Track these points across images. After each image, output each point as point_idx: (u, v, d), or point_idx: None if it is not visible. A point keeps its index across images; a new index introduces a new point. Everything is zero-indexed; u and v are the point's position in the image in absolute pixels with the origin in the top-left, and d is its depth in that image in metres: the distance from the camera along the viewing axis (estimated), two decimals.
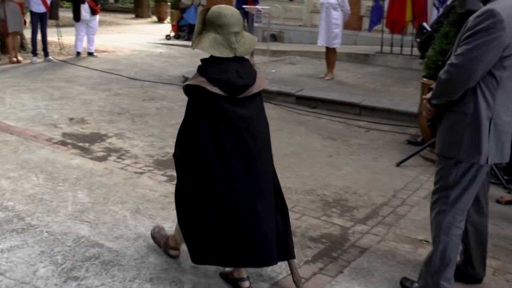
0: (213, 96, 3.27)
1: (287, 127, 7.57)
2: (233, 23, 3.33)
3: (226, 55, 3.32)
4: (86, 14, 12.76)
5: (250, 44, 3.43)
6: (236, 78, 3.30)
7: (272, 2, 15.07)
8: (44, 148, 6.33)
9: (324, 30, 10.08)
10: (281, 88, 9.16)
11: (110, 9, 30.13)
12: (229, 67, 3.32)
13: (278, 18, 15.34)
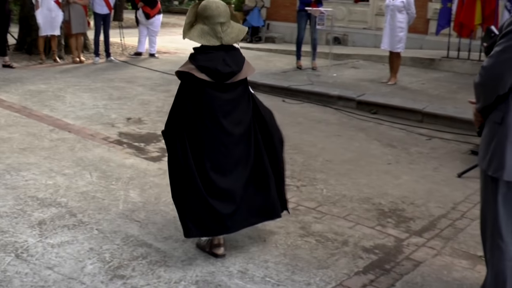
0: (200, 81, 3.66)
1: (346, 132, 7.41)
2: (217, 14, 3.69)
3: (213, 44, 3.70)
4: (142, 19, 12.97)
5: (237, 33, 3.81)
6: (222, 66, 3.67)
7: (336, 4, 14.88)
8: (100, 147, 6.39)
9: (388, 34, 9.84)
10: (342, 93, 9.00)
11: (174, 11, 30.54)
12: (217, 56, 3.69)
13: (342, 21, 15.12)
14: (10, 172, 5.46)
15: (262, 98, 8.97)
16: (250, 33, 16.45)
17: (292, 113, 8.34)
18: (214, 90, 3.71)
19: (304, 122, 7.84)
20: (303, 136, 7.14)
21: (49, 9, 11.56)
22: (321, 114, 8.34)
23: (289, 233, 4.34)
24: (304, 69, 11.36)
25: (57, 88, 9.42)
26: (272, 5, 16.75)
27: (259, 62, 13.08)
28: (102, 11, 11.97)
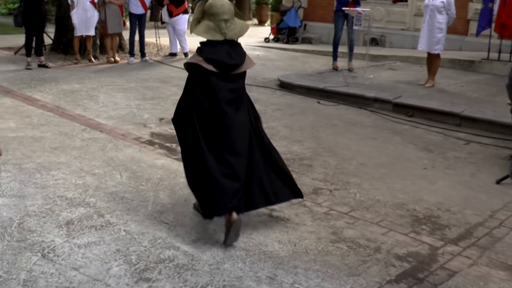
0: (207, 72, 4.03)
1: (382, 135, 7.24)
2: (222, 12, 4.05)
3: (217, 38, 4.06)
4: (165, 16, 12.92)
5: (240, 29, 4.16)
6: (227, 59, 4.05)
7: (374, 4, 14.65)
8: (131, 147, 6.35)
9: (426, 34, 9.61)
10: (378, 95, 8.82)
11: None
12: (222, 49, 4.06)
13: (380, 21, 14.88)
14: (41, 171, 5.45)
15: (297, 100, 9.02)
16: (287, 33, 16.35)
17: (327, 115, 8.20)
18: (219, 80, 4.08)
19: (339, 124, 7.69)
20: (338, 138, 7.00)
21: (84, 9, 11.62)
22: (356, 116, 8.18)
23: (320, 239, 4.21)
24: (340, 70, 11.18)
25: (91, 88, 9.45)
26: (309, 5, 16.59)
27: (295, 63, 13.00)
28: (138, 11, 12.00)
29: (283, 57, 14.00)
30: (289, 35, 16.35)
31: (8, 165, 5.59)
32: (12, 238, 4.05)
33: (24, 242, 3.99)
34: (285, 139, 6.86)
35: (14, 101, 8.38)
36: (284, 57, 14.00)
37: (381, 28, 14.86)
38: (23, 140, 6.47)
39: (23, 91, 9.05)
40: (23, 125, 7.07)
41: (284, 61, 13.35)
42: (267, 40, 16.81)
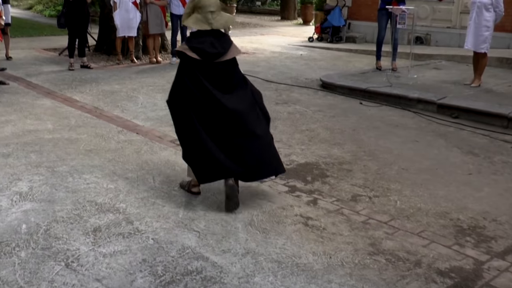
0: (192, 59, 4.53)
1: (425, 138, 6.93)
2: (209, 4, 4.52)
3: (204, 28, 4.52)
4: None
5: (226, 20, 4.65)
6: (209, 48, 4.49)
7: (419, 2, 14.23)
8: (167, 150, 6.23)
9: (472, 33, 9.22)
10: (421, 95, 8.49)
11: (257, 12, 30.52)
12: (206, 40, 4.51)
13: (426, 20, 14.45)
14: (73, 175, 5.37)
15: (339, 100, 8.77)
16: (331, 33, 16.07)
17: (369, 116, 7.93)
18: (203, 66, 4.54)
19: (381, 126, 7.41)
20: (379, 141, 6.73)
21: (126, 10, 11.62)
22: (399, 118, 7.89)
23: (357, 250, 3.98)
24: (383, 70, 10.88)
25: (131, 89, 9.39)
26: (353, 4, 16.26)
27: (338, 62, 12.73)
28: (179, 12, 11.88)
29: (326, 57, 13.74)
30: (333, 34, 16.07)
31: (42, 168, 5.54)
32: (37, 245, 3.95)
33: (48, 250, 3.88)
34: (325, 142, 6.63)
35: (53, 102, 8.38)
36: (327, 57, 13.74)
37: (426, 26, 14.44)
38: (59, 142, 6.42)
39: (64, 92, 9.06)
40: (60, 127, 7.03)
41: (327, 60, 13.09)
42: (311, 40, 16.56)
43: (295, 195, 5.00)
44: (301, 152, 6.25)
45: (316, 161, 5.94)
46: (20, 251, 3.87)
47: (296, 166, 5.78)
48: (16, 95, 8.76)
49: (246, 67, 11.63)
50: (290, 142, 6.62)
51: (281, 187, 5.18)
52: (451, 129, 7.40)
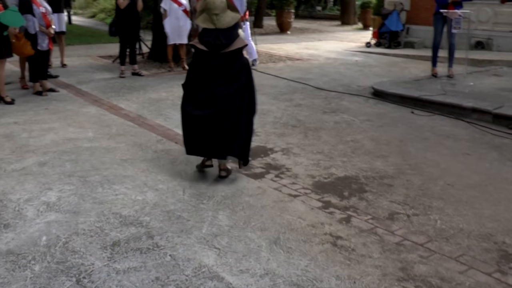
0: (201, 50, 5.31)
1: (477, 150, 6.51)
2: (214, 8, 5.26)
3: (210, 27, 5.29)
4: None
5: (229, 20, 5.31)
6: (214, 40, 5.24)
7: (480, 5, 13.65)
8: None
9: None
10: (476, 104, 8.01)
11: (317, 17, 30.23)
12: (212, 34, 5.27)
13: (487, 23, 13.83)
14: (104, 185, 5.27)
15: (390, 109, 8.42)
16: (388, 38, 15.63)
17: (419, 126, 7.54)
18: (210, 56, 5.28)
19: (431, 138, 7.02)
20: (427, 154, 6.36)
21: (177, 18, 11.57)
22: (451, 128, 7.47)
23: (385, 275, 3.67)
24: (439, 76, 10.42)
25: (177, 97, 9.22)
26: (412, 8, 15.75)
27: (394, 69, 12.33)
28: None
29: (382, 63, 13.33)
30: (391, 40, 15.63)
31: (74, 178, 5.47)
32: (53, 259, 3.84)
33: (63, 264, 3.75)
34: (368, 154, 6.31)
35: (99, 109, 8.37)
36: (383, 63, 13.32)
37: (487, 30, 13.82)
38: (96, 150, 6.35)
39: (110, 100, 9.05)
40: (100, 135, 6.98)
41: (382, 67, 12.69)
42: (368, 45, 16.16)
43: (328, 212, 4.73)
44: (341, 164, 5.96)
45: (356, 175, 5.64)
46: (35, 265, 3.77)
47: (334, 180, 5.49)
48: (64, 103, 8.80)
49: (298, 74, 11.43)
50: (332, 153, 6.33)
51: (314, 203, 4.92)
52: (507, 141, 6.94)
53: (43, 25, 8.82)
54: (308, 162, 6.04)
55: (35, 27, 8.69)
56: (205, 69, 5.32)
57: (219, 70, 5.29)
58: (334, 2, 32.31)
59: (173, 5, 11.58)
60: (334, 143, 6.75)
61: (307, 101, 9.07)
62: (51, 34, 8.93)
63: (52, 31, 8.95)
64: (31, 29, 8.65)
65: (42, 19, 8.79)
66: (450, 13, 9.71)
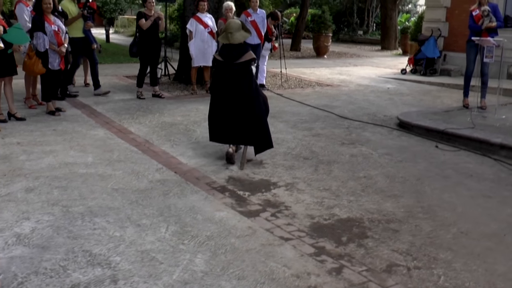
0: (218, 61, 6.75)
1: (501, 193, 5.92)
2: (230, 27, 6.69)
3: (225, 42, 6.72)
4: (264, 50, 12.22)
5: (240, 38, 6.70)
6: (228, 53, 6.67)
7: None
8: (198, 193, 5.64)
9: None
10: (505, 140, 7.38)
11: (358, 41, 29.78)
12: (227, 48, 6.72)
13: None
14: (85, 217, 4.91)
15: (413, 142, 7.90)
16: (424, 64, 15.05)
17: (441, 163, 6.98)
18: (226, 65, 6.68)
19: (452, 176, 6.46)
20: (444, 195, 5.80)
21: (202, 40, 11.30)
22: (476, 166, 6.88)
23: None
24: (471, 108, 9.78)
25: (192, 121, 8.93)
26: (450, 34, 15.13)
27: (426, 98, 11.76)
28: (252, 41, 11.42)
29: (415, 91, 12.74)
30: (427, 67, 15.03)
31: (57, 207, 5.14)
32: None
33: None
34: (379, 193, 5.80)
35: (107, 132, 8.07)
36: (416, 91, 12.74)
37: None
38: (90, 177, 6.02)
39: (122, 122, 8.75)
40: (99, 161, 6.65)
41: (414, 95, 12.11)
42: (404, 72, 15.60)
43: (319, 260, 4.24)
44: (347, 204, 5.46)
45: (360, 217, 5.13)
46: None
47: (334, 222, 5.00)
48: (74, 124, 8.54)
49: (324, 101, 11.00)
50: (339, 191, 5.84)
51: (306, 248, 4.44)
52: None
53: (54, 43, 8.59)
54: (311, 200, 5.56)
55: (45, 45, 8.47)
56: (222, 76, 6.75)
57: (232, 76, 6.68)
58: (376, 27, 31.75)
59: (199, 26, 11.32)
60: (345, 179, 6.26)
61: (327, 130, 8.59)
62: (62, 52, 8.70)
63: (63, 49, 8.72)
64: (41, 47, 8.44)
65: (54, 38, 8.56)
66: (482, 41, 9.12)
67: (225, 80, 6.69)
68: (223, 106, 6.75)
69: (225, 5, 11.43)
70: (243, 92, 6.63)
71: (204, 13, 11.45)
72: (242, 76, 6.66)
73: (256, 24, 11.77)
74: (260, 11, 12.13)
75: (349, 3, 32.53)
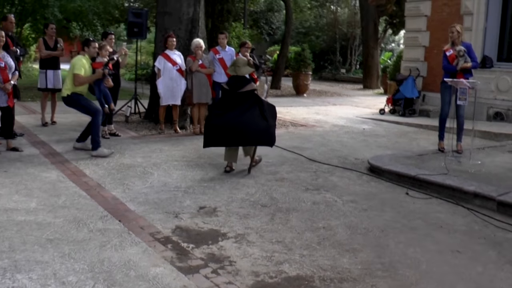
0: (225, 89, 8.11)
1: (472, 247, 5.46)
2: (237, 62, 8.27)
3: (233, 74, 8.15)
4: None
5: (245, 71, 8.20)
6: (234, 83, 8.04)
7: (500, 73, 12.78)
8: (138, 245, 5.17)
9: None
10: (478, 189, 6.94)
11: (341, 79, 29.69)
12: (234, 79, 8.12)
13: (507, 93, 12.76)
14: (6, 273, 4.43)
15: (382, 188, 7.46)
16: (403, 105, 14.73)
17: (410, 212, 6.54)
18: (232, 93, 7.98)
19: (420, 227, 6.02)
20: (408, 249, 5.34)
21: (171, 78, 10.96)
22: (447, 216, 6.44)
23: None
24: (446, 151, 9.38)
25: (152, 163, 8.48)
26: (428, 73, 14.85)
27: (402, 140, 11.38)
28: (221, 80, 11.12)
29: (391, 132, 12.37)
30: (406, 107, 14.74)
31: None
32: None
33: None
34: (337, 246, 5.33)
35: (60, 174, 7.64)
36: (392, 132, 12.36)
37: (507, 100, 12.77)
38: (27, 226, 5.57)
39: (79, 163, 8.32)
40: (42, 206, 6.21)
41: (390, 137, 11.72)
42: (382, 112, 15.29)
43: None
44: (299, 259, 4.99)
45: (311, 275, 4.66)
46: None
47: (281, 281, 4.53)
48: (28, 165, 8.09)
49: (295, 142, 10.63)
50: (293, 244, 5.37)
51: None
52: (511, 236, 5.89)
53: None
54: (260, 254, 5.08)
55: None
56: (227, 102, 7.99)
57: (237, 103, 7.88)
58: (359, 65, 31.65)
59: (167, 64, 10.98)
60: (302, 229, 5.80)
61: (293, 174, 8.15)
62: (6, 90, 8.31)
63: (8, 86, 8.33)
64: None
65: None
66: (455, 82, 8.77)
67: (230, 104, 7.94)
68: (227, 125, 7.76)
69: (195, 42, 11.10)
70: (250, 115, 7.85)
71: (173, 50, 11.11)
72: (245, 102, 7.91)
73: (224, 61, 11.46)
74: (228, 49, 11.88)
75: (332, 41, 32.45)
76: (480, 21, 13.46)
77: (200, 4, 12.36)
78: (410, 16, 15.53)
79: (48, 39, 11.66)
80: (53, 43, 11.69)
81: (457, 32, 9.35)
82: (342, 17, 33.43)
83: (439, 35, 13.95)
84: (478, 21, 13.48)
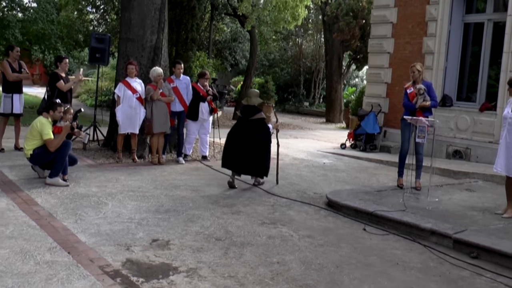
0: (239, 116, 9.70)
1: (426, 285, 5.42)
2: (250, 93, 9.76)
3: (245, 104, 9.58)
4: (205, 113, 11.78)
5: (255, 102, 9.48)
6: (246, 112, 9.49)
7: (459, 112, 12.94)
8: (86, 279, 4.99)
9: (504, 154, 7.77)
10: (436, 226, 6.94)
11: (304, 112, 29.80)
12: (246, 108, 9.53)
13: (466, 132, 12.91)
14: None
15: (340, 224, 7.40)
16: (364, 140, 14.80)
17: (366, 248, 6.49)
18: (244, 120, 9.45)
19: (375, 264, 5.96)
20: (363, 286, 5.29)
21: (130, 106, 10.83)
22: (403, 253, 6.41)
23: None
24: (405, 188, 9.41)
25: (107, 193, 8.29)
26: (390, 110, 14.96)
27: (362, 175, 11.37)
28: (175, 109, 11.13)
29: (351, 167, 12.36)
30: (367, 142, 14.79)
31: None
32: None
33: None
34: (290, 282, 5.24)
35: (9, 203, 7.40)
36: (352, 167, 12.36)
37: (466, 139, 12.92)
38: None
39: (31, 191, 8.08)
40: None
41: (350, 172, 11.71)
42: (343, 147, 15.34)
43: None
44: None
45: None
46: None
47: None
48: None
49: None
50: (245, 279, 5.25)
51: None
52: (466, 273, 5.87)
53: None
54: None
55: None
56: (240, 127, 9.43)
57: (248, 128, 9.31)
58: (323, 99, 31.88)
59: (127, 91, 10.86)
60: (255, 264, 5.69)
61: (249, 208, 8.05)
62: None
63: None
64: None
65: None
66: (414, 120, 8.84)
67: (242, 130, 9.32)
68: (239, 146, 9.25)
69: (157, 71, 10.99)
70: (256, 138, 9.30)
71: (134, 77, 11.00)
72: (255, 128, 9.31)
73: (178, 90, 11.41)
74: (183, 78, 11.80)
75: (296, 74, 32.68)
76: (440, 61, 13.66)
77: (164, 32, 12.26)
78: (373, 53, 15.68)
79: (12, 61, 11.46)
80: (17, 66, 11.49)
81: (417, 71, 9.48)
82: (307, 50, 33.68)
83: (402, 72, 14.12)
84: (439, 60, 13.67)
